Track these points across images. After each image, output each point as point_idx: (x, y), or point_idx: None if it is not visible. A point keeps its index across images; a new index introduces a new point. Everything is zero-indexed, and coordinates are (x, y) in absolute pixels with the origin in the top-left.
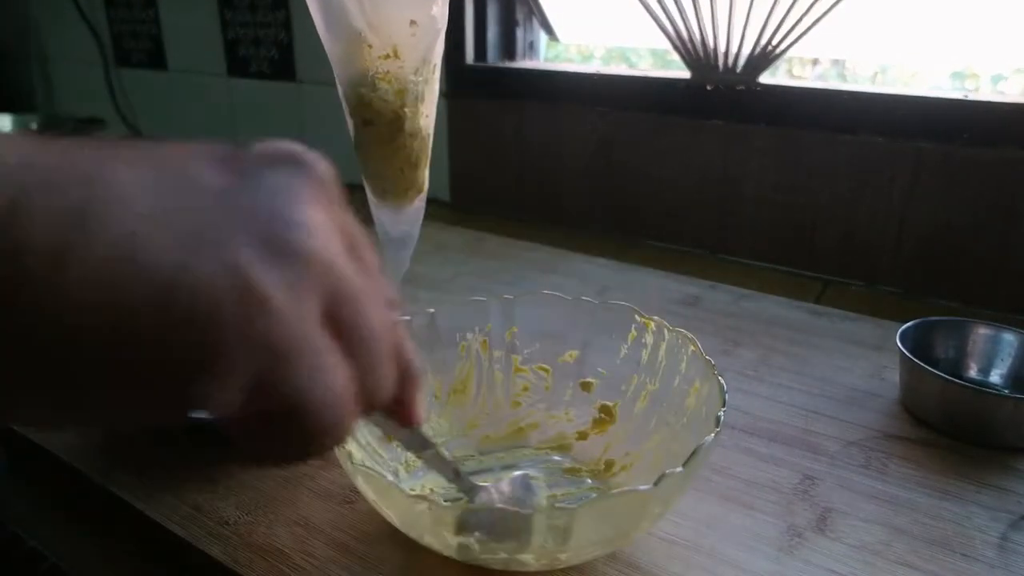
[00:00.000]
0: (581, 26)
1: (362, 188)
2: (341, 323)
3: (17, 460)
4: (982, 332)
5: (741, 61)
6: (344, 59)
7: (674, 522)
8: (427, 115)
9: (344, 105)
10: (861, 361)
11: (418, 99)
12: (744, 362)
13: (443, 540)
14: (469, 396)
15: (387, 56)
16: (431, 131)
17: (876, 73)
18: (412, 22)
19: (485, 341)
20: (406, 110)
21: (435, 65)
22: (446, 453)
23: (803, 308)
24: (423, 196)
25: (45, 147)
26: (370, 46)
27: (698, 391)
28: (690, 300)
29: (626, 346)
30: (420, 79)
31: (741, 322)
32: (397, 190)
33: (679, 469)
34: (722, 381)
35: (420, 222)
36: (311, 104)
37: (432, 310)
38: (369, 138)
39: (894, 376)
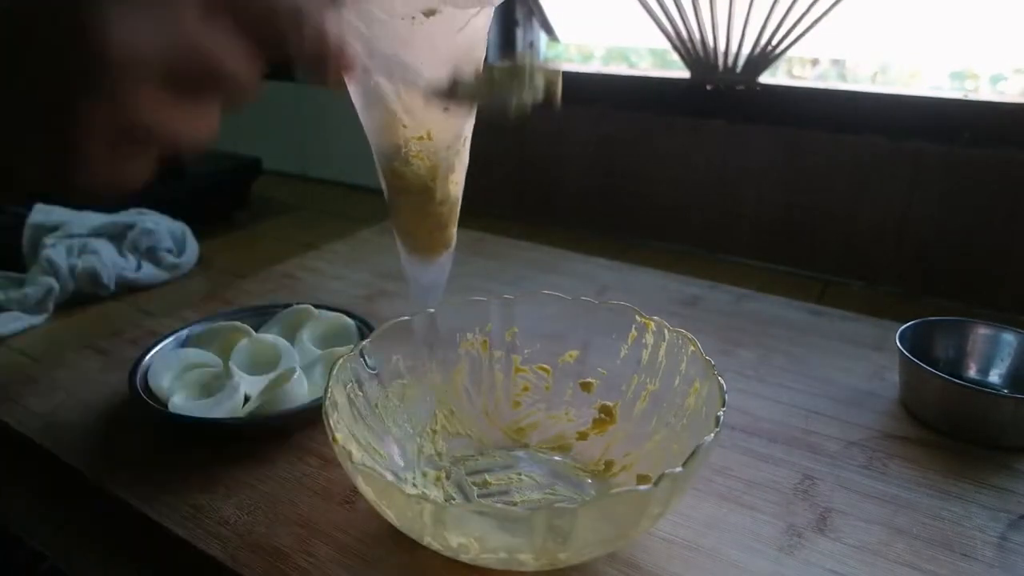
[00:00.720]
0: (581, 26)
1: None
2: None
3: (17, 460)
4: (982, 332)
5: (741, 61)
6: (379, 133)
7: (674, 522)
8: (457, 182)
9: (378, 169)
10: (861, 361)
11: (449, 170)
12: (744, 362)
13: (443, 540)
14: (469, 396)
15: (421, 137)
16: (460, 195)
17: (876, 73)
18: (446, 108)
19: (485, 341)
20: (436, 183)
21: (466, 138)
22: None
23: (803, 308)
24: (451, 250)
25: None
26: (405, 126)
27: (698, 391)
28: (690, 300)
29: (626, 346)
30: (452, 152)
31: (741, 322)
32: (427, 248)
33: (679, 469)
34: (722, 381)
35: (447, 272)
36: (311, 104)
37: (432, 310)
38: (401, 204)
39: (894, 376)
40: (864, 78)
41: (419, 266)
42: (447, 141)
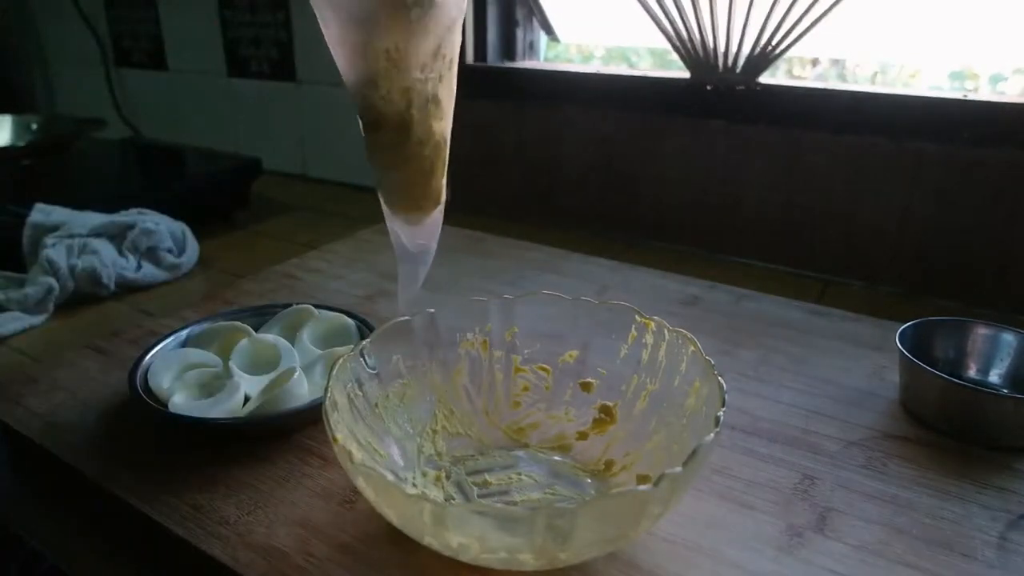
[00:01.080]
0: (581, 26)
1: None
2: None
3: (18, 460)
4: (982, 332)
5: (741, 61)
6: (347, 55)
7: (674, 522)
8: (441, 118)
9: (357, 108)
10: (861, 361)
11: (428, 100)
12: (744, 362)
13: (443, 540)
14: (469, 396)
15: (387, 51)
16: (447, 136)
17: (876, 73)
18: (413, 8)
19: (485, 341)
20: (413, 112)
21: (450, 60)
22: None
23: (803, 308)
24: (441, 207)
25: None
26: (370, 40)
27: (698, 391)
28: (690, 300)
29: (626, 346)
30: (431, 76)
31: (741, 322)
32: (410, 202)
33: (679, 469)
34: (722, 381)
35: (437, 236)
36: (311, 104)
37: (432, 310)
38: (376, 145)
39: (894, 376)
40: (864, 78)
41: (404, 227)
42: (420, 58)
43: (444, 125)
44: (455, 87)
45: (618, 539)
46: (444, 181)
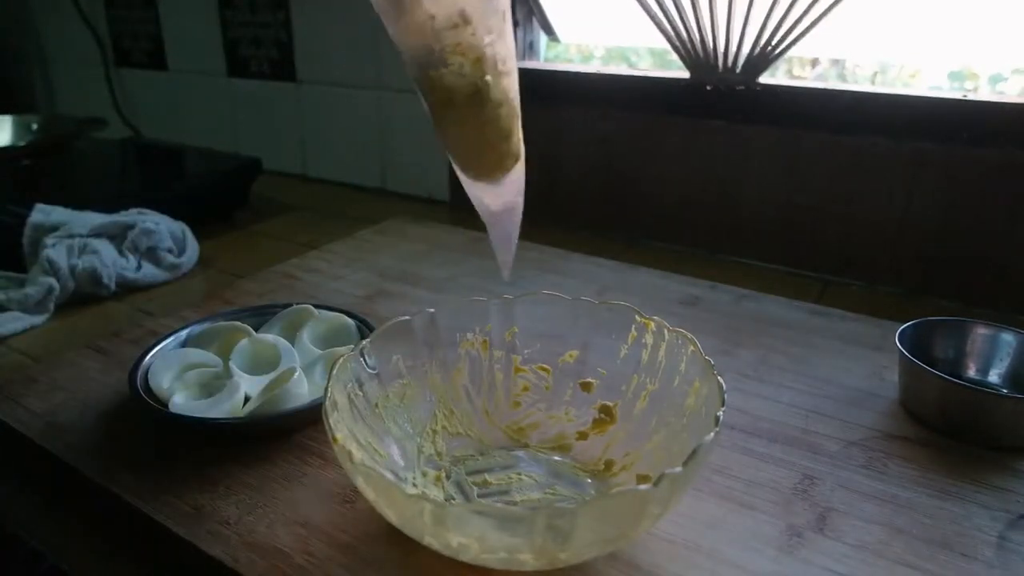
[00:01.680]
0: (581, 26)
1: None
2: None
3: (17, 460)
4: (981, 332)
5: (741, 61)
6: (408, 38)
7: (674, 522)
8: (509, 73)
9: (415, 86)
10: (861, 361)
11: (497, 60)
12: (744, 362)
13: (443, 540)
14: (469, 396)
15: (455, 25)
16: (517, 89)
17: (876, 73)
18: None
19: (485, 341)
20: (488, 79)
21: (504, 12)
22: None
23: (803, 308)
24: (521, 162)
25: None
26: (432, 17)
27: (698, 391)
28: (690, 300)
29: (626, 346)
30: (496, 38)
31: (741, 322)
32: (489, 166)
33: (679, 469)
34: (722, 381)
35: (523, 190)
36: (311, 104)
37: (432, 310)
38: (450, 120)
39: (894, 376)
40: (864, 78)
41: (487, 188)
42: (487, 22)
43: (512, 80)
44: (511, 35)
45: (618, 539)
46: (520, 135)
